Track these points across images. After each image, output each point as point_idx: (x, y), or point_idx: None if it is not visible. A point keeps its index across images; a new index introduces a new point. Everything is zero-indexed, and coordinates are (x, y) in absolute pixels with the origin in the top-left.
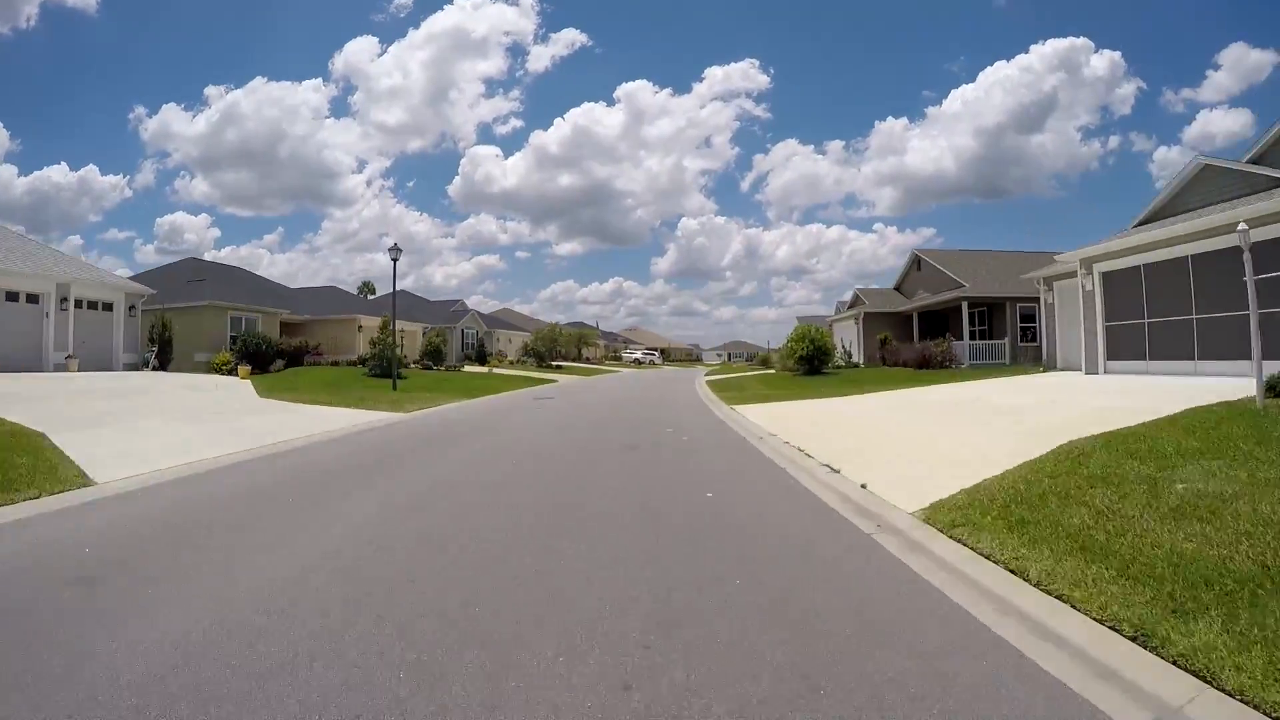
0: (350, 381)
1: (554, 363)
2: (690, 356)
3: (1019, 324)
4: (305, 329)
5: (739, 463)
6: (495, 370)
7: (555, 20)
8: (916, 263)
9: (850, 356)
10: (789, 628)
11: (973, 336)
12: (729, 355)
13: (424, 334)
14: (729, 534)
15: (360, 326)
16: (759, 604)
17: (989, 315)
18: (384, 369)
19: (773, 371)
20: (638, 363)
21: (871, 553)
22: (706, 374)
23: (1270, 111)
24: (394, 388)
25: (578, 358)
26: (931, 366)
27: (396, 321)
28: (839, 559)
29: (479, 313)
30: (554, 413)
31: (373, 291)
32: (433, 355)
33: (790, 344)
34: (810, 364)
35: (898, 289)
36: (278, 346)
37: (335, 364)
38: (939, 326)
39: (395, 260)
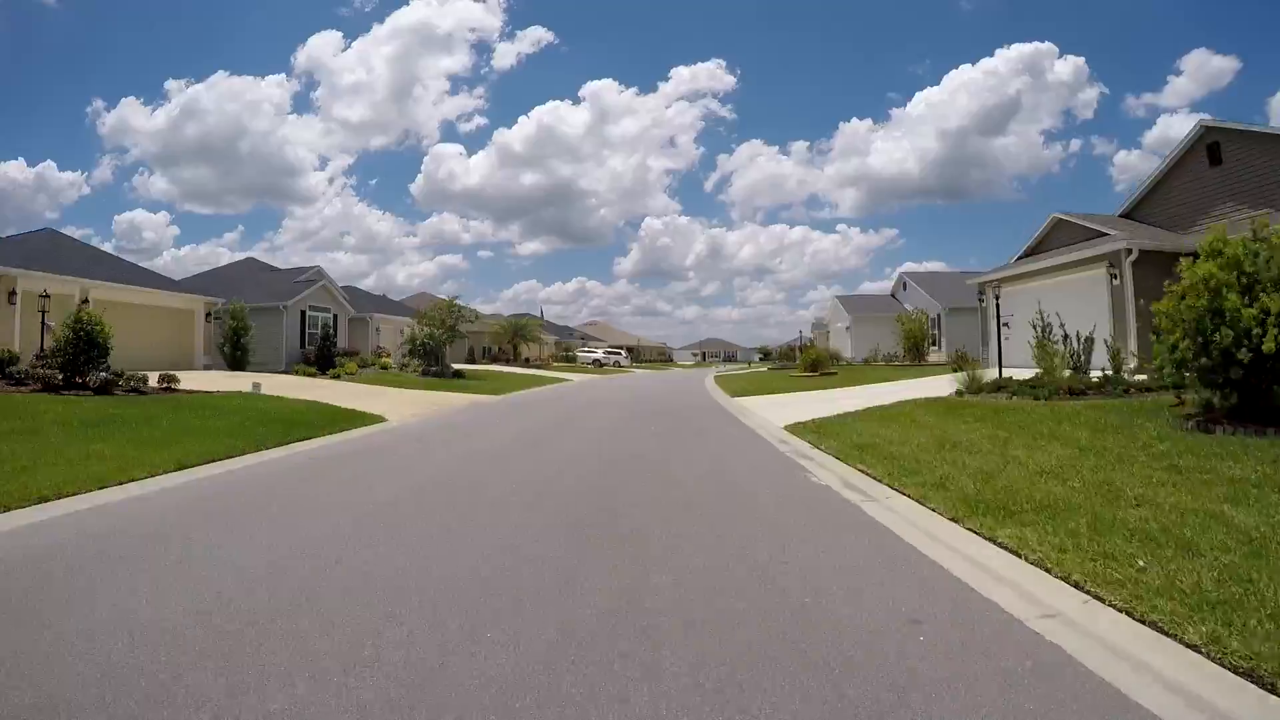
0: None
1: (457, 366)
2: (662, 356)
3: None
4: None
5: None
6: (271, 393)
7: (522, 17)
8: (1211, 149)
9: (1089, 350)
10: None
11: None
12: (704, 355)
13: (208, 316)
14: None
15: (14, 292)
16: None
17: None
18: None
19: (952, 392)
20: (598, 364)
21: None
22: (741, 394)
23: (1232, 116)
24: None
25: (514, 358)
26: None
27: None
28: None
29: (341, 288)
30: None
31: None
32: (73, 356)
33: (1193, 301)
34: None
35: (1128, 215)
36: None
37: None
38: None
39: None
